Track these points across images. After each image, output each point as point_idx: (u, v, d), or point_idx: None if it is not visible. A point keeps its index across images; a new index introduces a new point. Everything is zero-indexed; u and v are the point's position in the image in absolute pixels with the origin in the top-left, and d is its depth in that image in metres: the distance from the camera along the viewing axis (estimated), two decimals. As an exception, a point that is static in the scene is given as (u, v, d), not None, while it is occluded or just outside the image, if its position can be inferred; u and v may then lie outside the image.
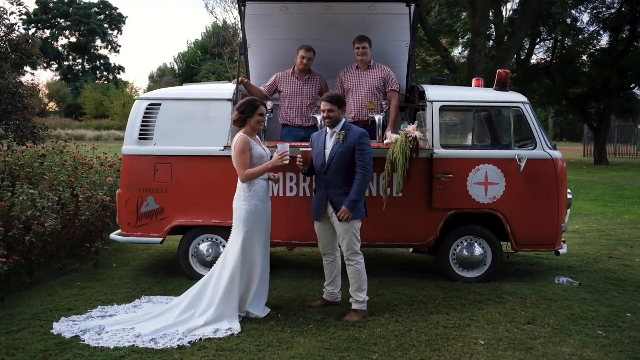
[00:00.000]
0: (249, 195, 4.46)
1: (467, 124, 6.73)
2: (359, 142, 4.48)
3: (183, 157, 5.49)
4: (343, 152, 4.49)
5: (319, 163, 4.60)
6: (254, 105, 4.54)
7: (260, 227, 4.52)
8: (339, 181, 4.51)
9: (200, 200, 5.49)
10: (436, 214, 5.46)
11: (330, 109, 4.54)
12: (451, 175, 5.40)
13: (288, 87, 6.10)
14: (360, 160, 4.46)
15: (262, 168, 4.44)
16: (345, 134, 4.52)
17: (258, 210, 4.47)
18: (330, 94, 4.67)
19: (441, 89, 5.85)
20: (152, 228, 5.53)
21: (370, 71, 6.00)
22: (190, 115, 5.55)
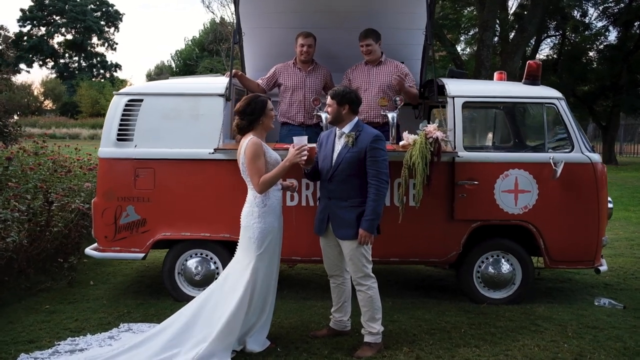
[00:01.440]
0: (264, 211, 3.77)
1: (493, 123, 6.00)
2: (372, 146, 3.76)
3: (168, 160, 4.78)
4: (351, 157, 3.77)
5: (325, 168, 3.89)
6: (261, 101, 3.83)
7: (275, 248, 3.86)
8: (343, 192, 3.81)
9: (187, 211, 4.78)
10: (458, 226, 4.75)
11: (329, 104, 3.89)
12: (476, 181, 4.69)
13: (289, 79, 5.40)
14: (373, 169, 3.74)
15: (279, 170, 3.72)
16: (355, 136, 3.80)
17: (274, 229, 3.81)
18: (335, 88, 3.96)
19: (463, 83, 5.14)
20: (133, 242, 4.81)
21: (381, 68, 5.29)
22: (176, 113, 4.84)
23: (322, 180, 3.93)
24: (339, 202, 3.82)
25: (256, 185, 3.69)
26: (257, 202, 3.77)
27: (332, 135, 3.96)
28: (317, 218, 4.00)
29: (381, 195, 3.73)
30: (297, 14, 5.48)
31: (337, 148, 3.87)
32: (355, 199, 3.78)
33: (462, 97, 4.80)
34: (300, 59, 5.41)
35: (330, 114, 3.87)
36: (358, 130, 3.83)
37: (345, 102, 3.85)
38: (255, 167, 3.69)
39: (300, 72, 5.44)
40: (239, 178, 3.88)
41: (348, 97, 3.86)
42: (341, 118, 3.86)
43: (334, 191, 3.83)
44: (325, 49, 5.65)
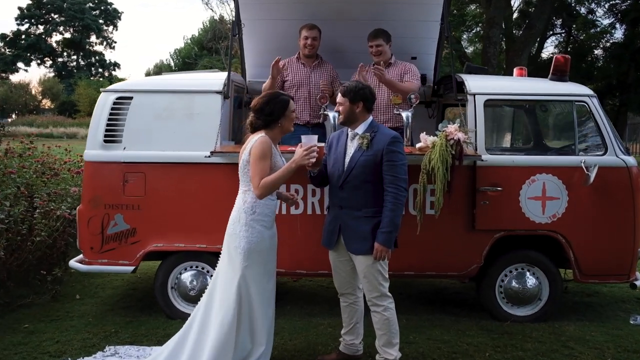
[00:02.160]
0: (252, 219, 3.30)
1: (511, 123, 5.56)
2: (389, 149, 3.32)
3: (160, 164, 4.34)
4: (366, 161, 3.34)
5: (335, 173, 3.44)
6: (283, 101, 3.36)
7: (267, 263, 3.37)
8: (357, 200, 3.37)
9: (181, 219, 4.34)
10: (480, 237, 4.31)
11: (340, 102, 3.45)
12: (499, 187, 4.25)
13: (293, 75, 4.96)
14: (390, 175, 3.30)
15: (283, 172, 3.24)
16: (370, 137, 3.36)
17: (263, 240, 3.32)
18: (347, 84, 3.50)
19: (484, 79, 4.71)
20: (121, 253, 4.37)
21: (391, 70, 4.85)
22: (169, 112, 4.40)
23: (332, 187, 3.49)
24: (352, 212, 3.38)
25: (256, 187, 3.21)
26: (245, 208, 3.31)
27: (343, 137, 3.53)
28: (326, 229, 3.56)
29: (399, 204, 3.29)
30: (301, 5, 5.05)
31: (350, 151, 3.43)
32: (370, 208, 3.34)
33: (484, 95, 4.35)
34: (304, 53, 4.97)
35: (342, 113, 3.43)
36: (373, 130, 3.39)
37: (359, 99, 3.41)
38: (259, 167, 3.22)
39: (305, 67, 5.00)
40: (238, 184, 3.44)
41: (362, 93, 3.41)
42: (354, 117, 3.43)
43: (346, 199, 3.40)
44: (331, 44, 5.21)
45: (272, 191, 3.27)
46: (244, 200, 3.33)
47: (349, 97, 3.40)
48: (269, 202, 3.34)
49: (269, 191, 3.24)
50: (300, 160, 3.22)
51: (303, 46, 4.94)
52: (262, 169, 3.21)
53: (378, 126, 3.47)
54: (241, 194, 3.37)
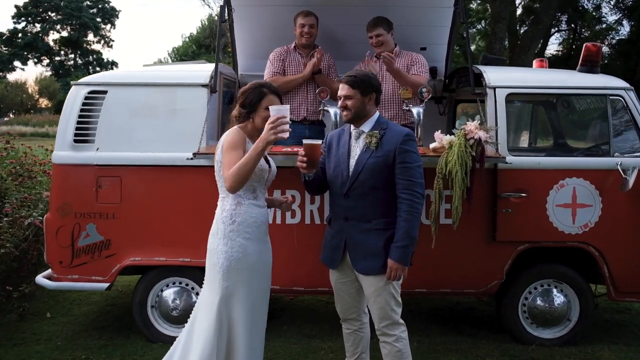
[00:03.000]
0: (232, 230, 2.78)
1: (529, 120, 5.05)
2: (402, 148, 2.80)
3: (138, 167, 3.82)
4: (376, 164, 2.82)
5: (338, 179, 2.92)
6: (260, 92, 2.85)
7: (250, 282, 2.81)
8: (365, 210, 2.85)
9: (162, 230, 3.82)
10: (501, 250, 3.79)
11: (348, 95, 2.87)
12: (523, 193, 3.74)
13: (289, 66, 4.43)
14: (404, 179, 2.79)
15: (250, 154, 2.65)
16: (379, 135, 2.84)
17: (246, 255, 2.78)
18: (351, 73, 2.97)
19: (505, 71, 4.20)
20: (94, 268, 3.85)
21: (397, 60, 4.32)
22: (148, 108, 3.88)
23: (335, 196, 2.97)
24: (360, 225, 2.86)
25: (225, 179, 2.69)
26: (223, 218, 2.80)
27: (345, 136, 3.00)
28: (327, 246, 3.04)
29: (416, 214, 2.77)
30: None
31: (355, 152, 2.91)
32: (381, 219, 2.82)
33: (505, 88, 3.83)
34: (300, 43, 4.45)
35: (352, 109, 2.88)
36: (382, 127, 2.87)
37: (372, 90, 2.90)
38: (227, 159, 2.72)
39: (302, 58, 4.48)
40: (224, 191, 2.92)
41: (374, 84, 2.92)
42: (365, 112, 2.91)
43: (352, 209, 2.87)
44: (328, 33, 4.70)
45: (242, 181, 2.67)
46: (222, 209, 2.83)
47: (360, 89, 2.87)
48: (253, 209, 2.81)
49: (237, 181, 2.65)
50: (268, 136, 2.59)
51: (299, 35, 4.42)
52: (230, 161, 2.70)
53: (387, 122, 2.95)
54: (220, 201, 2.87)
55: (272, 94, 2.84)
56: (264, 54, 4.64)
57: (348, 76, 2.93)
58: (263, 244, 2.87)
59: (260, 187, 2.84)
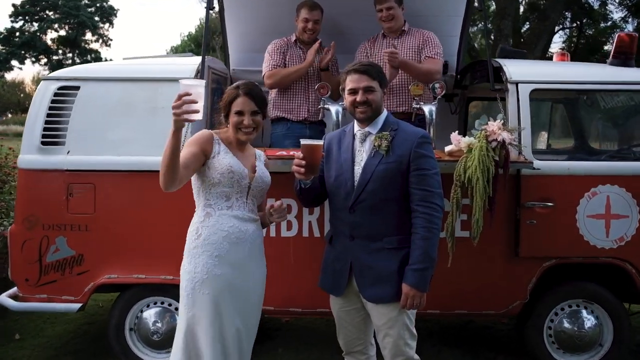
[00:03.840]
0: (196, 245, 2.39)
1: (548, 119, 4.60)
2: (417, 153, 2.37)
3: (114, 173, 3.39)
4: (387, 171, 2.38)
5: (341, 190, 2.48)
6: (230, 94, 2.49)
7: (218, 315, 2.35)
8: (376, 226, 2.41)
9: (141, 243, 3.38)
10: (525, 266, 3.36)
11: (369, 87, 2.43)
12: (550, 202, 3.30)
13: (289, 62, 3.99)
14: (421, 189, 2.35)
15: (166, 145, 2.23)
16: (390, 137, 2.40)
17: (212, 278, 2.34)
18: (363, 62, 2.54)
19: (528, 64, 3.77)
20: (65, 287, 3.42)
21: (405, 39, 3.91)
22: (126, 105, 3.45)
23: (337, 209, 2.53)
24: (368, 244, 2.42)
25: None
26: (190, 232, 2.44)
27: (347, 138, 2.56)
28: (328, 269, 2.59)
29: (435, 230, 2.34)
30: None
31: (361, 157, 2.47)
32: (393, 236, 2.39)
33: (529, 83, 3.39)
34: (302, 38, 4.00)
35: (373, 103, 2.45)
36: (392, 128, 2.43)
37: (385, 83, 2.54)
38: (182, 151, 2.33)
39: (303, 53, 4.04)
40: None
41: (385, 76, 2.58)
42: (381, 109, 2.51)
43: (359, 226, 2.43)
44: (329, 24, 4.27)
45: (165, 175, 2.23)
46: (192, 222, 2.46)
47: (379, 80, 2.48)
48: (225, 221, 2.39)
49: (161, 175, 2.24)
50: (175, 121, 2.15)
51: (302, 30, 3.97)
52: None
53: (397, 122, 2.51)
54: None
55: (246, 96, 2.42)
56: (258, 47, 4.20)
57: (363, 65, 2.49)
58: (242, 266, 2.41)
59: (237, 195, 2.43)
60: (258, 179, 2.50)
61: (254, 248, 2.46)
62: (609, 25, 22.72)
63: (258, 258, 2.51)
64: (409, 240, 2.36)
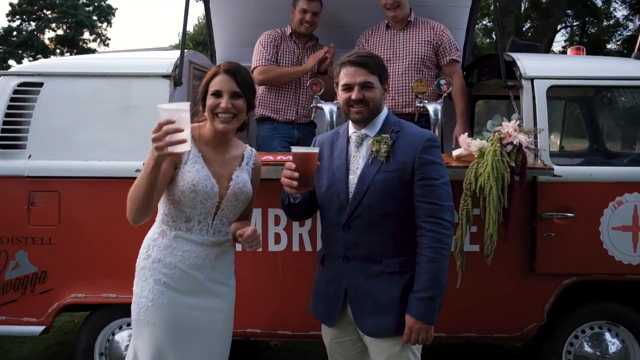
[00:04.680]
0: (144, 267, 2.05)
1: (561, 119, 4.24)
2: (423, 159, 2.01)
3: (81, 180, 3.02)
4: (387, 181, 2.01)
5: (333, 203, 2.11)
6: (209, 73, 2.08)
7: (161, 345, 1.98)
8: (375, 246, 2.05)
9: (112, 258, 3.02)
10: (541, 284, 3.00)
11: (367, 83, 2.05)
12: (570, 213, 2.93)
13: (281, 56, 3.63)
14: (428, 202, 1.99)
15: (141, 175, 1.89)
16: (391, 141, 2.03)
17: (159, 306, 1.99)
18: (362, 54, 2.14)
19: (543, 59, 3.43)
20: (26, 308, 3.06)
21: (411, 31, 3.55)
22: (95, 104, 3.09)
23: (329, 225, 2.16)
24: (366, 267, 2.05)
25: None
26: (142, 247, 2.11)
27: (341, 142, 2.18)
28: (320, 294, 2.23)
29: (444, 250, 1.98)
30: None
31: (357, 164, 2.10)
32: (394, 257, 2.03)
33: (546, 79, 3.03)
34: (299, 30, 3.63)
35: (372, 102, 2.07)
36: (393, 129, 2.06)
37: (386, 78, 2.15)
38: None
39: (297, 48, 3.68)
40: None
41: (386, 69, 2.17)
42: (380, 109, 2.13)
43: (354, 246, 2.07)
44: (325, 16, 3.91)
45: (134, 208, 1.89)
46: (147, 234, 2.14)
47: (379, 74, 2.09)
48: (180, 244, 2.03)
49: (128, 207, 1.91)
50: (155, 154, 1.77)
51: (299, 22, 3.60)
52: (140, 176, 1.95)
53: (399, 122, 2.13)
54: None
55: (226, 74, 2.02)
56: (246, 42, 3.85)
57: (361, 56, 2.09)
58: (197, 297, 2.04)
59: (199, 217, 2.04)
60: (230, 197, 2.09)
61: (216, 274, 2.09)
62: (612, 24, 22.44)
63: (220, 286, 2.12)
64: (413, 262, 1.99)
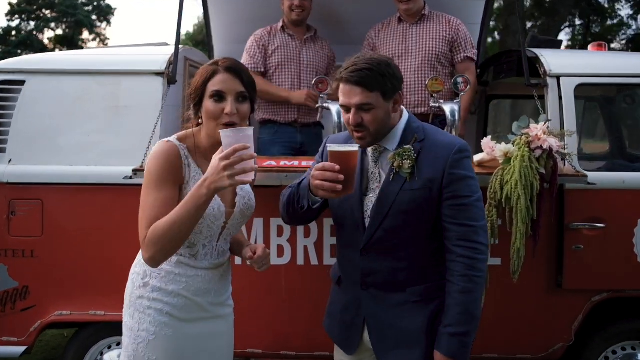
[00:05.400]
0: (142, 296, 1.76)
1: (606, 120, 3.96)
2: (454, 175, 1.71)
3: (66, 187, 2.77)
4: (413, 202, 1.72)
5: (347, 221, 1.84)
6: (205, 72, 1.74)
7: None
8: (398, 272, 1.78)
9: (100, 272, 2.77)
10: (569, 301, 2.74)
11: (365, 104, 1.69)
12: (601, 223, 2.68)
13: (277, 53, 3.38)
14: (460, 224, 1.71)
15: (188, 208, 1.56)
16: (415, 154, 1.75)
17: (163, 340, 1.72)
18: (359, 62, 1.71)
19: (569, 55, 3.19)
20: (6, 326, 2.82)
21: (425, 25, 3.30)
22: (82, 104, 2.83)
23: (344, 246, 1.90)
24: (387, 296, 1.79)
25: (142, 242, 1.63)
26: (135, 273, 1.80)
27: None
28: (335, 316, 1.96)
29: (478, 279, 1.70)
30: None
31: (376, 180, 1.81)
32: (419, 284, 1.77)
33: (574, 77, 2.77)
34: (291, 19, 3.39)
35: (372, 126, 1.72)
36: (417, 138, 1.78)
37: (398, 87, 1.76)
38: (146, 199, 1.66)
39: (293, 40, 3.43)
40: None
41: (397, 75, 1.76)
42: (389, 125, 1.79)
43: (374, 273, 1.80)
44: (325, 11, 3.68)
45: (170, 250, 1.62)
46: (138, 258, 1.83)
47: (381, 88, 1.70)
48: (185, 270, 1.76)
49: (162, 251, 1.60)
50: (216, 179, 1.51)
51: (289, 9, 3.37)
52: (149, 204, 1.63)
53: (423, 127, 1.84)
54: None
55: (229, 72, 1.72)
56: (245, 38, 3.60)
57: (358, 70, 1.68)
58: (203, 323, 1.79)
59: (204, 241, 1.78)
60: (237, 215, 1.83)
61: (220, 297, 1.84)
62: (616, 23, 22.31)
63: (223, 308, 1.88)
64: (440, 288, 1.74)
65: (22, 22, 57.74)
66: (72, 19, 58.19)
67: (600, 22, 21.52)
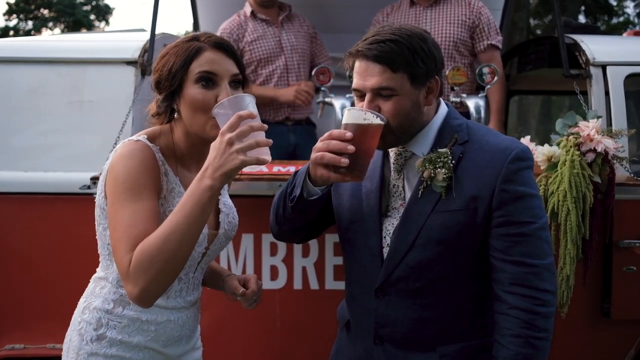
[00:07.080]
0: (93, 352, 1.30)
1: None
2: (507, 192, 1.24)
3: (18, 196, 2.34)
4: (448, 225, 1.26)
5: (358, 248, 1.37)
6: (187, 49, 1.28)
7: None
8: (424, 324, 1.31)
9: (59, 298, 2.34)
10: (618, 332, 2.32)
11: (384, 88, 1.23)
12: (657, 241, 2.25)
13: (255, 45, 2.94)
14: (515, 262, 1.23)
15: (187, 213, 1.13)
16: (453, 160, 1.26)
17: None
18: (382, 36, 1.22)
19: (615, 41, 2.80)
20: (-51, 361, 2.40)
21: (442, 8, 2.88)
22: (39, 99, 2.42)
23: (354, 280, 1.43)
24: (410, 356, 1.32)
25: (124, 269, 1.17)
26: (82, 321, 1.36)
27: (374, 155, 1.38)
28: None
29: (541, 343, 1.23)
30: None
31: (399, 195, 1.35)
32: (454, 344, 1.31)
33: (623, 66, 2.35)
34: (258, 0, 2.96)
35: (396, 118, 1.25)
36: (457, 138, 1.29)
37: (434, 71, 1.28)
38: (125, 215, 1.20)
39: (269, 26, 2.98)
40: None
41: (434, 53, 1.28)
42: (419, 122, 1.32)
43: (392, 323, 1.33)
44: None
45: (170, 276, 1.17)
46: (88, 301, 1.37)
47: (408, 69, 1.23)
48: (149, 315, 1.33)
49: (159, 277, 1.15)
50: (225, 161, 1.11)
51: None
52: (131, 222, 1.19)
53: (466, 125, 1.34)
54: (92, 281, 1.42)
55: (218, 50, 1.29)
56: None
57: (377, 42, 1.23)
58: None
59: (182, 272, 1.35)
60: (221, 237, 1.43)
61: (192, 340, 1.46)
62: (622, 21, 22.07)
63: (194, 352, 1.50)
64: (485, 349, 1.29)
65: (20, 22, 57.62)
66: (70, 19, 58.05)
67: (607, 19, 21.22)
